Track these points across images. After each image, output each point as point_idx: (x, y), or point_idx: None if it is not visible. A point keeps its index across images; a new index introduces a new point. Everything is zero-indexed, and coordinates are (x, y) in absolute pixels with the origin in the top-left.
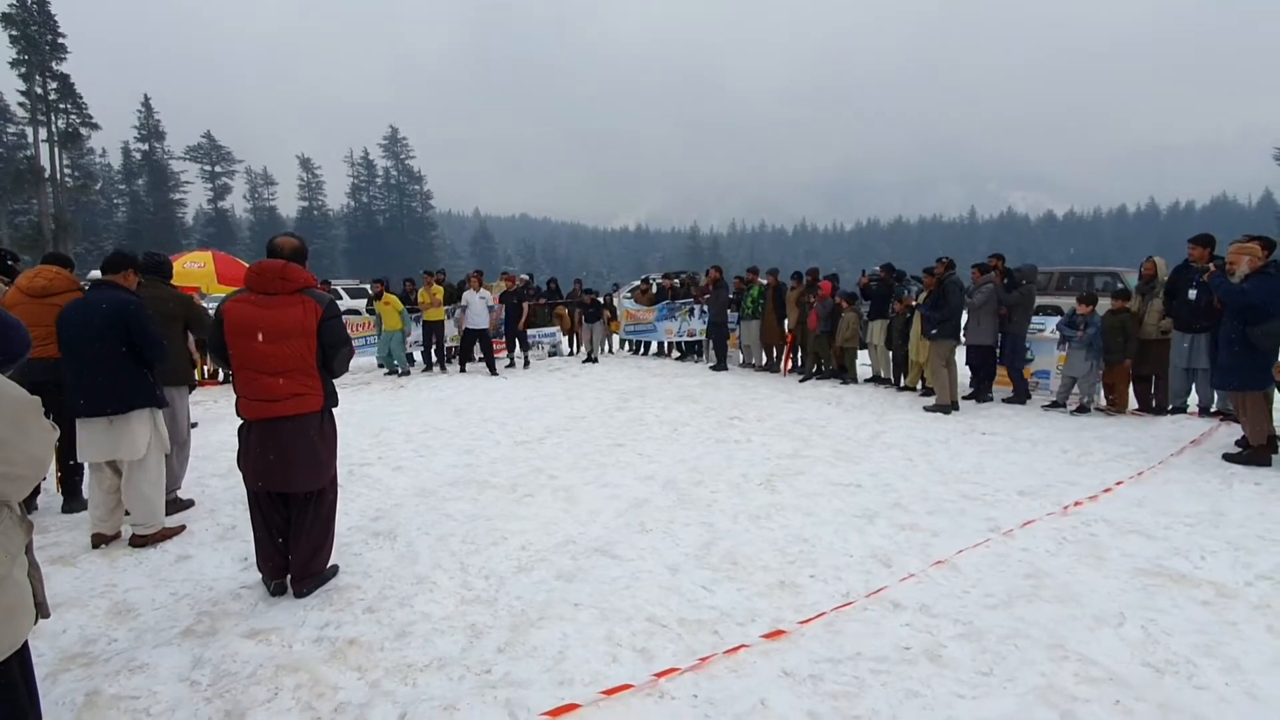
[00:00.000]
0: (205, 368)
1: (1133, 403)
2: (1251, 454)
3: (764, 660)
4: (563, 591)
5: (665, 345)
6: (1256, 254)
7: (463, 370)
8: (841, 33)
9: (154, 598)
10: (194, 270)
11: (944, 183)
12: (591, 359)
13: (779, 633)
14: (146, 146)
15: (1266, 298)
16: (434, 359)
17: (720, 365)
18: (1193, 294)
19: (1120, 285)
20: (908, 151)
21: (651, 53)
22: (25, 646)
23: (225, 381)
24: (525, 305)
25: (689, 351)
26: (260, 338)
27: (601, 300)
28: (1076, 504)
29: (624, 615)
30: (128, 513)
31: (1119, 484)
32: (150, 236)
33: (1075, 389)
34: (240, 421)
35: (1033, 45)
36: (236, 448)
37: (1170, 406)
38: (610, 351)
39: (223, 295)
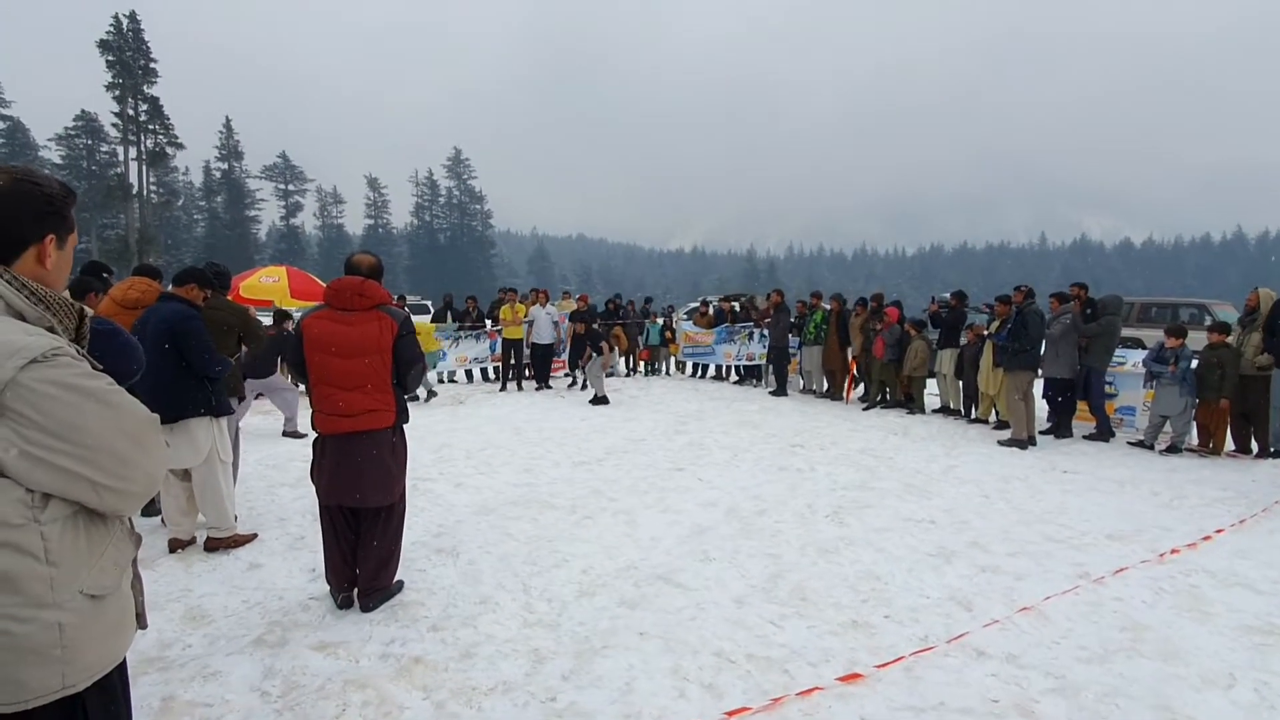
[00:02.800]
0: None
1: (1229, 444)
2: None
3: (840, 705)
4: (627, 619)
5: (723, 369)
6: None
7: (543, 386)
8: (902, 55)
9: (226, 605)
10: (269, 284)
11: (1010, 204)
12: (600, 398)
13: (855, 676)
14: (226, 165)
15: None
16: (510, 375)
17: (780, 390)
18: None
19: (1210, 319)
20: (971, 172)
21: (709, 76)
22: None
23: (301, 393)
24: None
25: (747, 376)
26: (338, 353)
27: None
28: (1173, 551)
29: (690, 648)
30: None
31: (1219, 532)
32: (225, 251)
33: (1167, 427)
34: (315, 435)
35: (1103, 64)
36: (308, 458)
37: (1271, 449)
38: (668, 373)
39: (296, 309)
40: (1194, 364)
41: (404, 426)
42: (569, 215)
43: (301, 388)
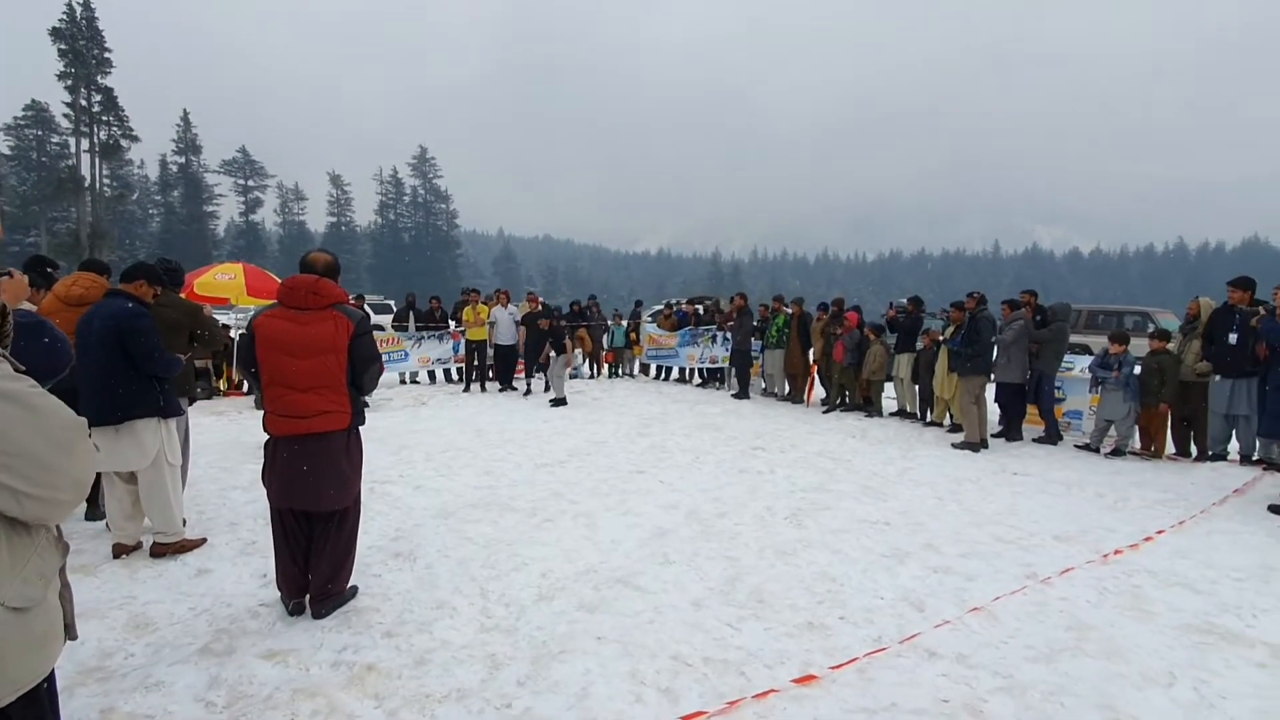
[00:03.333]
0: (230, 378)
1: (1170, 447)
2: None
3: (795, 707)
4: (585, 623)
5: (686, 371)
6: None
7: (506, 388)
8: (864, 68)
9: (173, 612)
10: (225, 281)
11: (966, 215)
12: (560, 400)
13: (810, 678)
14: (183, 159)
15: None
16: (474, 377)
17: (742, 393)
18: (1233, 338)
19: (1153, 326)
20: (929, 183)
21: (679, 79)
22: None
23: (249, 393)
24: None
25: (710, 378)
26: (291, 353)
27: (618, 321)
28: (1117, 552)
29: (648, 651)
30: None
31: (1160, 533)
32: (182, 247)
33: (1111, 431)
34: (266, 437)
35: (1056, 81)
36: (260, 461)
37: (1210, 453)
38: (632, 376)
39: (252, 307)
40: (1137, 370)
41: (360, 428)
42: (536, 216)
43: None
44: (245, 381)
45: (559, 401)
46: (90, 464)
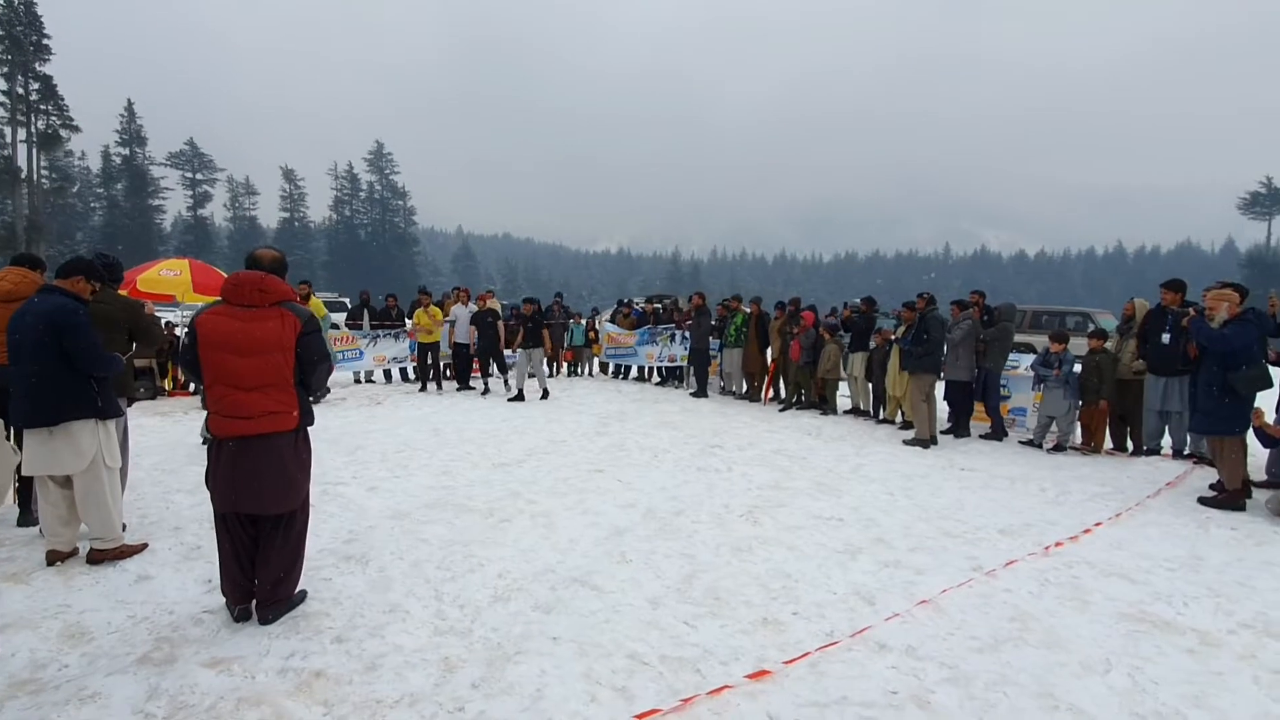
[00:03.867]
0: (176, 377)
1: (1108, 443)
2: (1227, 498)
3: (748, 702)
4: (541, 624)
5: (645, 370)
6: (1234, 301)
7: (465, 387)
8: (821, 70)
9: (110, 620)
10: (170, 278)
11: (919, 218)
12: (523, 396)
13: (763, 673)
14: (127, 151)
15: (1245, 344)
16: (430, 376)
17: (701, 392)
18: (1166, 338)
19: (1092, 325)
20: (883, 186)
21: (640, 77)
22: None
23: (195, 392)
24: (502, 325)
25: (669, 377)
26: (235, 351)
27: (583, 322)
28: (1057, 545)
29: (604, 651)
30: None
31: (1098, 525)
32: (126, 242)
33: (1053, 427)
34: (210, 438)
35: (1002, 89)
36: (205, 464)
37: (1146, 448)
38: (590, 374)
39: (199, 304)
40: (1077, 368)
41: (309, 429)
42: (495, 214)
43: None
44: (191, 381)
45: (544, 395)
46: (4, 466)
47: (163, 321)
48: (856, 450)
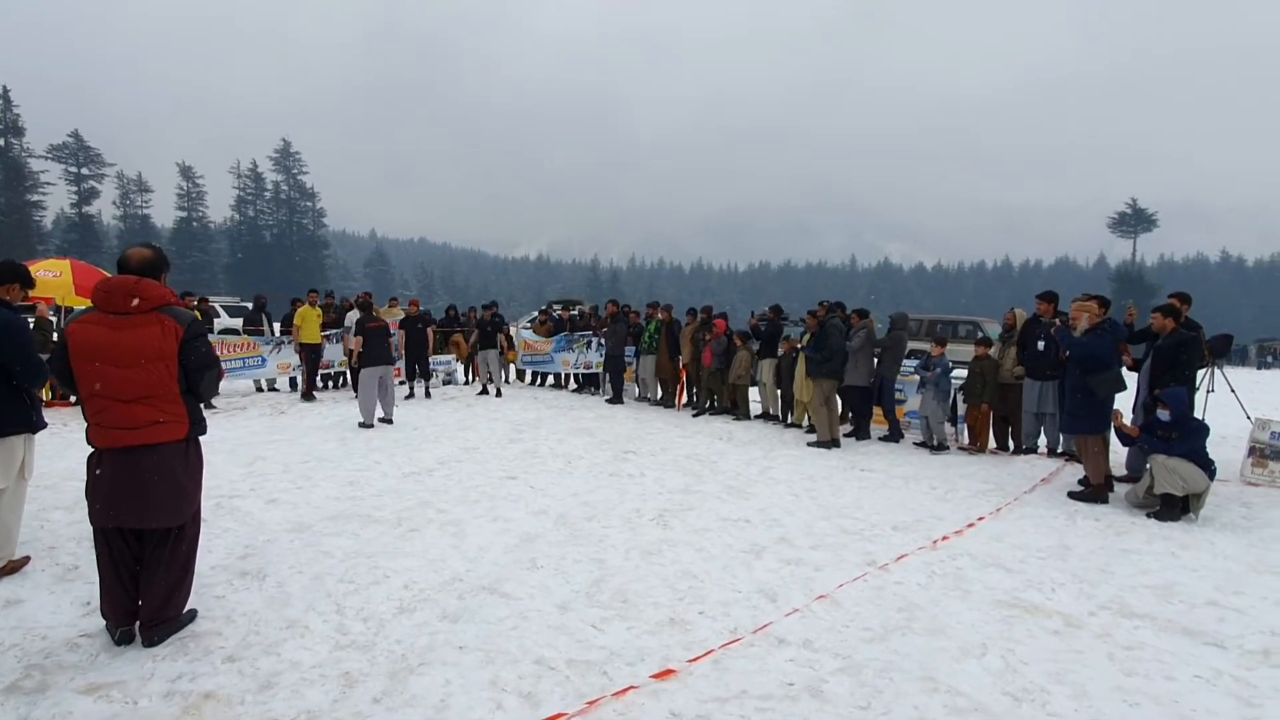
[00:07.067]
0: (53, 386)
1: (992, 443)
2: (1091, 492)
3: (652, 701)
4: (447, 634)
5: (562, 377)
6: (1094, 311)
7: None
8: (738, 85)
9: None
10: (49, 279)
11: (826, 229)
12: (487, 390)
13: (668, 672)
14: (2, 142)
15: (1102, 350)
16: (316, 384)
17: (616, 399)
18: (1041, 345)
19: (981, 334)
20: (794, 198)
21: (560, 80)
22: None
23: (77, 403)
24: (430, 331)
25: (586, 384)
26: (112, 363)
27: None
28: (944, 538)
29: (511, 658)
30: None
31: (981, 519)
32: (1, 240)
33: (929, 427)
34: (90, 450)
35: (901, 110)
36: (85, 478)
37: (1024, 447)
38: (507, 382)
39: (81, 307)
40: (958, 372)
41: (200, 439)
42: (411, 218)
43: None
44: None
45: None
46: None
47: (53, 325)
48: (765, 454)
